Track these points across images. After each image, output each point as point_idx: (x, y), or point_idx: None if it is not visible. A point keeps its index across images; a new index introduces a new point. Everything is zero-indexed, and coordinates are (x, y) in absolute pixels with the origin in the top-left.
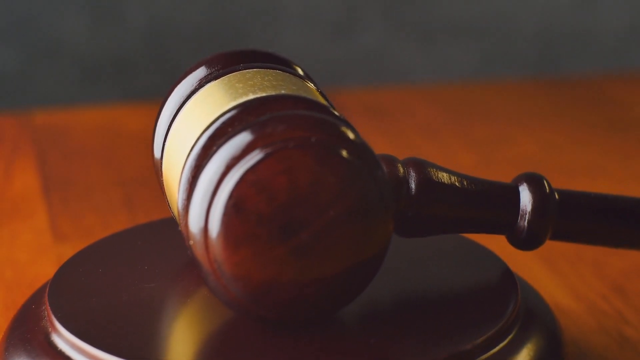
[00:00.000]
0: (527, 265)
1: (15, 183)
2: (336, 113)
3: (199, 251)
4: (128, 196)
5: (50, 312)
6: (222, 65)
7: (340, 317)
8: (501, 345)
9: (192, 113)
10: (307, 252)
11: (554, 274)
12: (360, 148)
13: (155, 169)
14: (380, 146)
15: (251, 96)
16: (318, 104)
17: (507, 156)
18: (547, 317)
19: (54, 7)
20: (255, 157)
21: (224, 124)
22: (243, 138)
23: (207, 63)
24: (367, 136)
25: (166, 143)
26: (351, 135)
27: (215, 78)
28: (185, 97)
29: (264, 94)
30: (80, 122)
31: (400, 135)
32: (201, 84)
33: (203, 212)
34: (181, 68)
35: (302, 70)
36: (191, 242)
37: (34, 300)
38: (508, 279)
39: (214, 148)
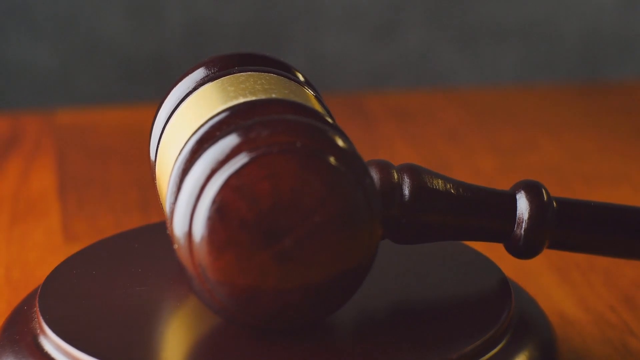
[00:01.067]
0: (537, 273)
1: (33, 182)
2: (328, 119)
3: (183, 255)
4: (144, 197)
5: (39, 314)
6: (219, 68)
7: (332, 323)
8: (490, 354)
9: (185, 115)
10: (291, 259)
11: (564, 282)
12: (347, 155)
13: (151, 171)
14: (401, 150)
15: (241, 100)
16: (308, 109)
17: (528, 163)
18: (543, 327)
19: (94, 5)
20: (238, 162)
21: (212, 127)
22: (227, 142)
23: (206, 65)
24: (390, 139)
25: (159, 145)
26: (339, 142)
27: (210, 80)
28: (180, 99)
29: (253, 98)
30: (105, 122)
31: (423, 139)
32: (197, 86)
33: (187, 216)
34: None
35: (303, 75)
36: (176, 246)
37: (27, 302)
38: (503, 287)
39: (200, 152)
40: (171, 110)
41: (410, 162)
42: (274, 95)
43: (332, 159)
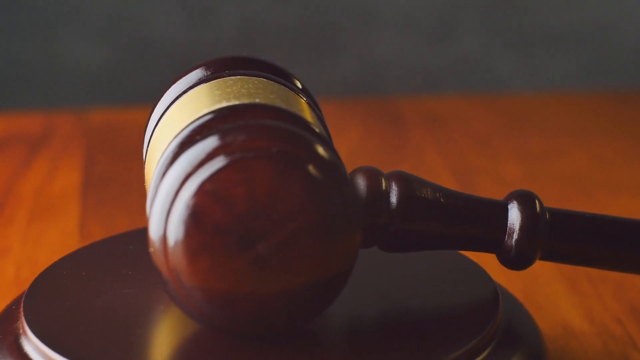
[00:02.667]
0: (546, 282)
1: (57, 182)
2: (313, 127)
3: (158, 259)
4: None
5: (22, 314)
6: (213, 70)
7: (319, 328)
8: None
9: (172, 118)
10: (267, 265)
11: (573, 293)
12: (326, 163)
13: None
14: (428, 155)
15: (224, 104)
16: (291, 115)
17: (554, 170)
18: (532, 338)
19: (147, 5)
20: (214, 166)
21: (192, 131)
22: (203, 146)
23: (202, 67)
24: (419, 144)
25: (148, 147)
26: (319, 150)
27: (202, 83)
28: (172, 101)
29: (236, 102)
30: (137, 122)
31: (452, 144)
32: (189, 88)
33: (162, 220)
34: None
35: (300, 82)
36: (151, 250)
37: (16, 301)
38: (492, 297)
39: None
40: (163, 112)
41: (400, 170)
42: (257, 100)
43: (309, 166)
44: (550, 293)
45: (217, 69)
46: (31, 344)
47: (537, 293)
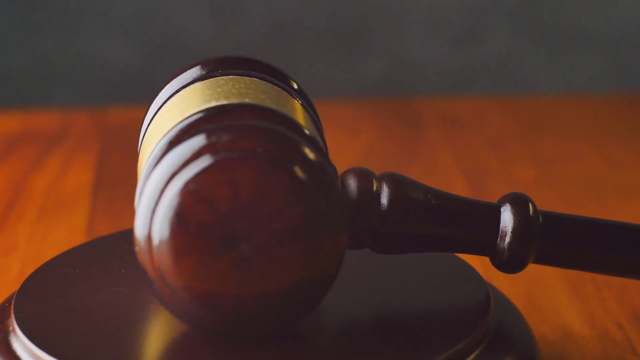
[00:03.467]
0: (550, 286)
1: (68, 179)
2: (303, 129)
3: (143, 258)
4: None
5: (12, 311)
6: (209, 69)
7: (308, 330)
8: None
9: (164, 116)
10: (250, 266)
11: (576, 296)
12: (312, 165)
13: None
14: (442, 156)
15: (213, 103)
16: (281, 116)
17: (567, 173)
18: (523, 341)
19: (174, 4)
20: (198, 166)
21: (180, 130)
22: (188, 146)
23: (199, 65)
24: (433, 145)
25: (141, 145)
26: (305, 151)
27: (195, 82)
28: (165, 99)
29: (225, 102)
30: None
31: (466, 145)
32: (182, 87)
33: (147, 219)
34: (302, 69)
35: (297, 83)
36: (137, 249)
37: (9, 299)
38: (484, 300)
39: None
40: (156, 110)
41: (393, 172)
42: (247, 100)
43: (294, 168)
44: (553, 296)
45: (213, 68)
46: (19, 341)
47: (539, 296)
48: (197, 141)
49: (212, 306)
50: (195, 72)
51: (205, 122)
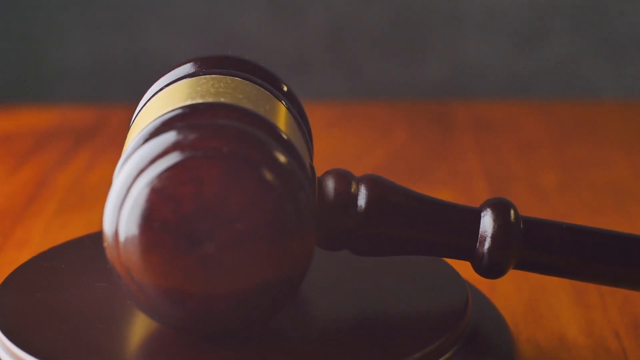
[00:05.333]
0: (554, 293)
1: (94, 175)
2: (280, 131)
3: (111, 253)
4: None
5: None
6: (197, 68)
7: (287, 329)
8: None
9: (144, 114)
10: (214, 265)
11: (578, 304)
12: (280, 167)
13: None
14: (468, 159)
15: (189, 102)
16: (255, 116)
17: (592, 180)
18: (502, 347)
19: (235, 3)
20: (163, 164)
21: (154, 128)
22: (156, 144)
23: (192, 63)
24: (460, 148)
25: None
26: (274, 153)
27: (179, 80)
28: (150, 96)
29: (200, 101)
30: None
31: (494, 150)
32: (168, 84)
33: (115, 215)
34: (362, 69)
35: (286, 86)
36: (105, 244)
37: None
38: (462, 305)
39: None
40: (142, 106)
41: (373, 173)
42: (222, 100)
43: (260, 169)
44: (555, 303)
45: (203, 66)
46: None
47: (541, 302)
48: (165, 139)
49: (179, 304)
50: (185, 69)
51: (177, 120)
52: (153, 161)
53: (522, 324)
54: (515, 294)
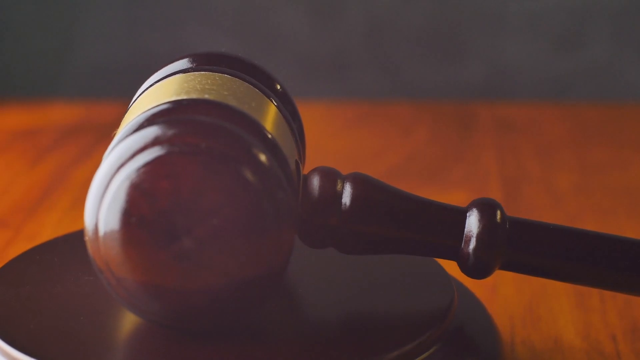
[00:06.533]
0: (555, 295)
1: None
2: (263, 129)
3: (92, 247)
4: None
5: None
6: (190, 64)
7: (270, 326)
8: None
9: (133, 109)
10: (191, 260)
11: (578, 307)
12: (259, 164)
13: None
14: (484, 160)
15: (174, 98)
16: (238, 114)
17: (608, 183)
18: (485, 347)
19: (274, 1)
20: (141, 159)
21: (137, 123)
22: (135, 139)
23: (187, 58)
24: (478, 149)
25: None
26: (253, 150)
27: (169, 76)
28: (142, 91)
29: (185, 97)
30: None
31: (512, 151)
32: (159, 80)
33: (95, 209)
34: (401, 68)
35: (281, 85)
36: (86, 238)
37: None
38: (447, 303)
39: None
40: (133, 101)
41: (360, 172)
42: (206, 96)
43: (238, 165)
44: (555, 306)
45: (197, 62)
46: None
47: (541, 305)
48: (146, 134)
49: (157, 299)
50: (179, 65)
51: (159, 115)
52: (133, 156)
53: (519, 326)
54: (515, 297)
